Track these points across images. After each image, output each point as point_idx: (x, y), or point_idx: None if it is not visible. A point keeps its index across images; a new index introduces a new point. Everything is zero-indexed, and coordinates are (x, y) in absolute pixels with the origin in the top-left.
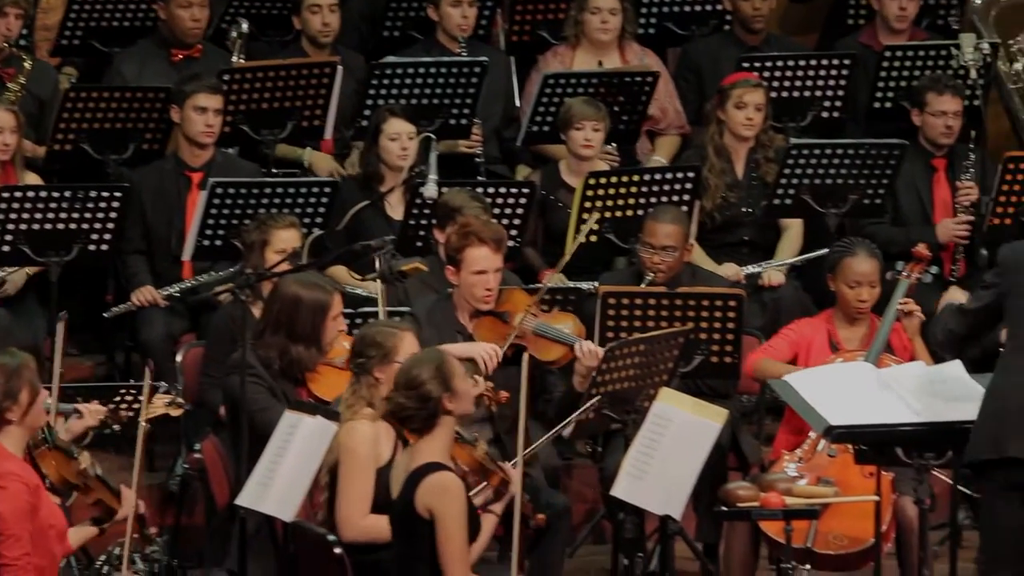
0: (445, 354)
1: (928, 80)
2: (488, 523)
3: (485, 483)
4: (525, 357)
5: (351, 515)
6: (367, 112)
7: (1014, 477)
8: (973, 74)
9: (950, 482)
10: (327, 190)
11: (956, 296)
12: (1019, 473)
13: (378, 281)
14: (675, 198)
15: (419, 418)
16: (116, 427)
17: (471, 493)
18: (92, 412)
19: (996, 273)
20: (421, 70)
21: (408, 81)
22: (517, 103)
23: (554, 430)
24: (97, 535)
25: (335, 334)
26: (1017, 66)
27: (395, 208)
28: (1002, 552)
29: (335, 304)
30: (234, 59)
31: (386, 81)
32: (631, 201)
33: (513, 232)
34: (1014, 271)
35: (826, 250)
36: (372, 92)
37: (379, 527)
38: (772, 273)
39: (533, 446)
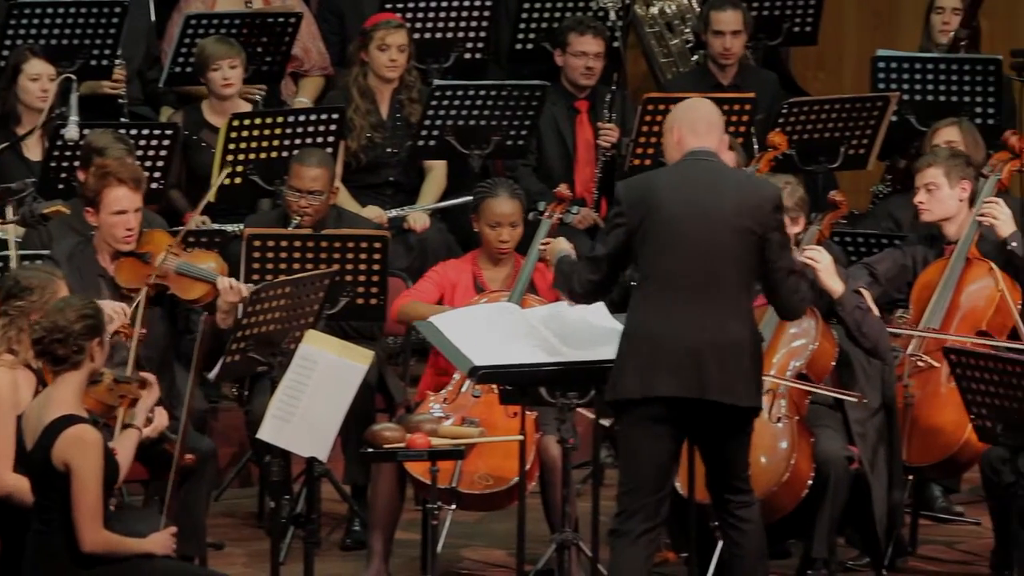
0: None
1: (570, 21)
2: (130, 439)
3: (117, 414)
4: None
5: None
6: (5, 52)
7: (660, 413)
8: (612, 16)
9: (592, 420)
10: None
11: (562, 246)
12: (665, 409)
13: (15, 226)
14: (320, 139)
15: (65, 348)
16: None
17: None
18: None
19: (618, 212)
20: (60, 10)
21: (47, 21)
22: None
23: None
24: None
25: None
26: (653, 9)
27: (33, 150)
28: (643, 482)
29: None
30: None
31: (24, 20)
32: (276, 143)
33: (157, 174)
34: (636, 206)
35: (470, 196)
36: (11, 32)
37: (23, 487)
38: (416, 216)
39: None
